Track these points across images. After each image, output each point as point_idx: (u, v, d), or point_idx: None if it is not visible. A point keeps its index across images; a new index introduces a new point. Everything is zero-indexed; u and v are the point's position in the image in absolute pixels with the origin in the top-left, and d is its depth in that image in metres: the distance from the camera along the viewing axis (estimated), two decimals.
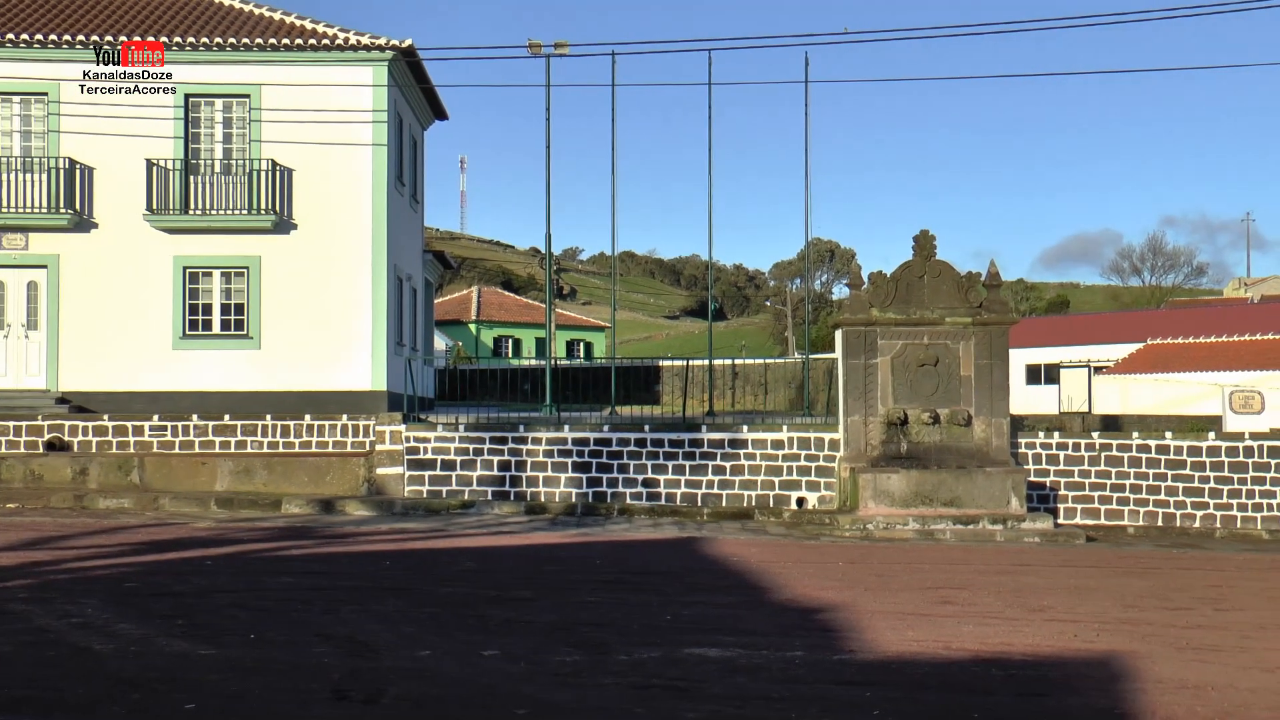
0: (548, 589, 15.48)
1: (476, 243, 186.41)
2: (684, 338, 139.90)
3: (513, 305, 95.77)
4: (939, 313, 25.44)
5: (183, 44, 31.40)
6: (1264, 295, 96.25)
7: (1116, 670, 10.94)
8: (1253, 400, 37.40)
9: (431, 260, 42.03)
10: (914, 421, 25.22)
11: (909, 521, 23.57)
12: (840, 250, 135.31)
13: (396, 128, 33.73)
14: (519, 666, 10.68)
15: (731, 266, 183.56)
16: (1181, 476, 26.15)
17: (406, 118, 35.79)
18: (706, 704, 9.49)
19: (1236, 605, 15.17)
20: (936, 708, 9.55)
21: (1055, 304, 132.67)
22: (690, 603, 14.37)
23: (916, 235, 25.93)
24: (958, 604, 14.63)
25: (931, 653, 11.58)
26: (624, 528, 24.00)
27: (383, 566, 17.48)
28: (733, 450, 26.76)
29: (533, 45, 30.56)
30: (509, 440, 27.08)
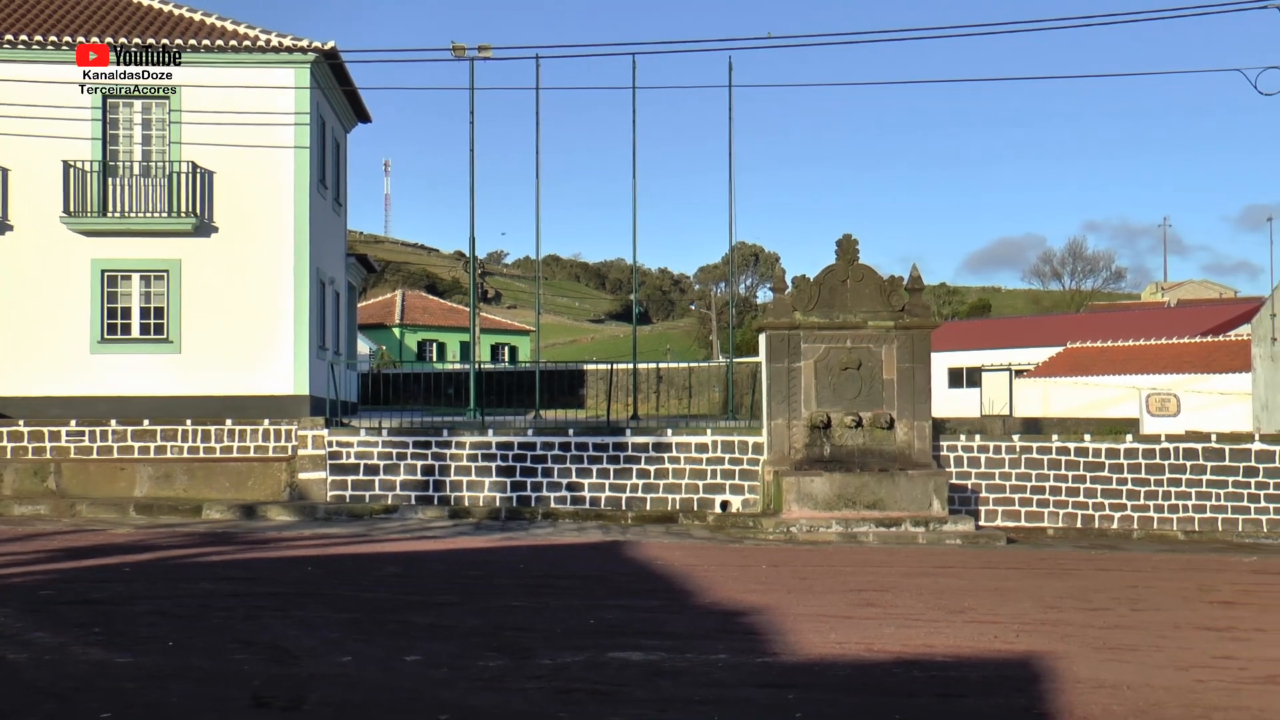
0: (471, 593, 15.41)
1: (401, 246, 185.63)
2: (609, 341, 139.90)
3: (437, 309, 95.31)
4: (862, 316, 25.60)
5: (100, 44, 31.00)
6: (1180, 299, 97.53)
7: (1035, 670, 11.03)
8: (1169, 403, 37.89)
9: (355, 264, 41.78)
10: (837, 425, 25.35)
11: (832, 524, 23.67)
12: (765, 254, 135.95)
13: (319, 130, 33.49)
14: (442, 671, 10.62)
15: (657, 270, 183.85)
16: (1100, 479, 26.44)
17: (329, 120, 35.55)
18: (629, 707, 9.48)
19: (1153, 605, 15.35)
20: (858, 709, 9.59)
21: (977, 308, 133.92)
22: (614, 606, 14.36)
23: (840, 239, 26.08)
24: (880, 606, 14.70)
25: (854, 655, 11.63)
26: (548, 532, 23.96)
27: (305, 572, 17.35)
28: (657, 454, 26.78)
29: (456, 48, 30.42)
30: (433, 444, 26.96)
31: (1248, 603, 15.75)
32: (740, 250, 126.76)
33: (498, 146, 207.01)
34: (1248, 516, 26.07)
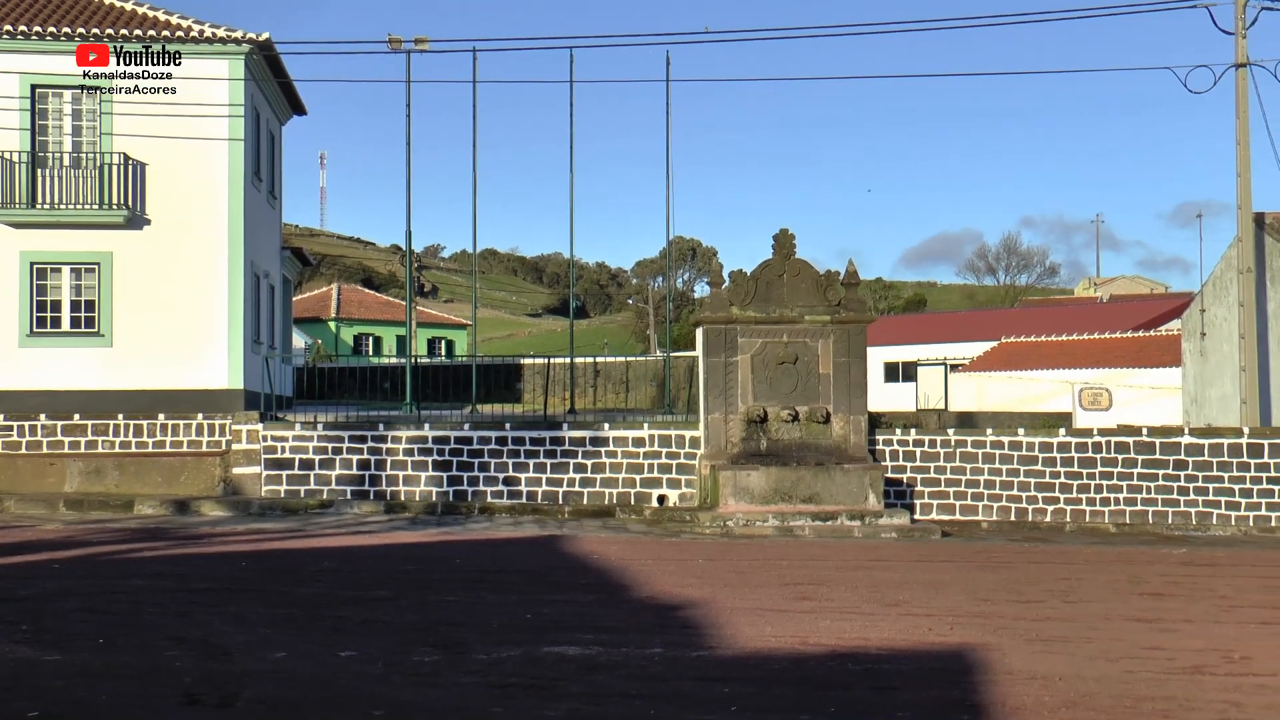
0: (407, 588, 15.35)
1: (337, 240, 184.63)
2: (546, 335, 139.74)
3: (373, 303, 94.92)
4: (798, 311, 25.68)
5: (28, 33, 30.63)
6: (1113, 295, 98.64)
7: (969, 663, 11.10)
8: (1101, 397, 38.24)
9: (290, 257, 41.52)
10: (774, 419, 25.43)
11: (768, 518, 23.74)
12: (702, 249, 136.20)
13: (253, 122, 33.24)
14: (376, 667, 10.57)
15: (594, 264, 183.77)
16: (1034, 472, 26.65)
17: (264, 113, 35.29)
18: (565, 702, 9.47)
19: (1084, 597, 15.49)
20: (793, 702, 9.62)
21: (913, 302, 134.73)
22: (550, 601, 14.33)
23: (776, 234, 26.14)
24: (816, 599, 14.75)
25: (789, 648, 11.67)
26: (484, 526, 23.89)
27: (238, 567, 17.22)
28: (594, 448, 26.77)
29: (393, 41, 30.31)
30: (369, 439, 26.84)
31: (1176, 594, 15.93)
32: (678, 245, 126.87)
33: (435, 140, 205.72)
34: (1177, 509, 26.36)
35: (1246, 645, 12.18)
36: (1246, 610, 14.62)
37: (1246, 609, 14.74)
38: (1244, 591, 16.30)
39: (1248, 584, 17.10)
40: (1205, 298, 38.08)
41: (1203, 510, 26.29)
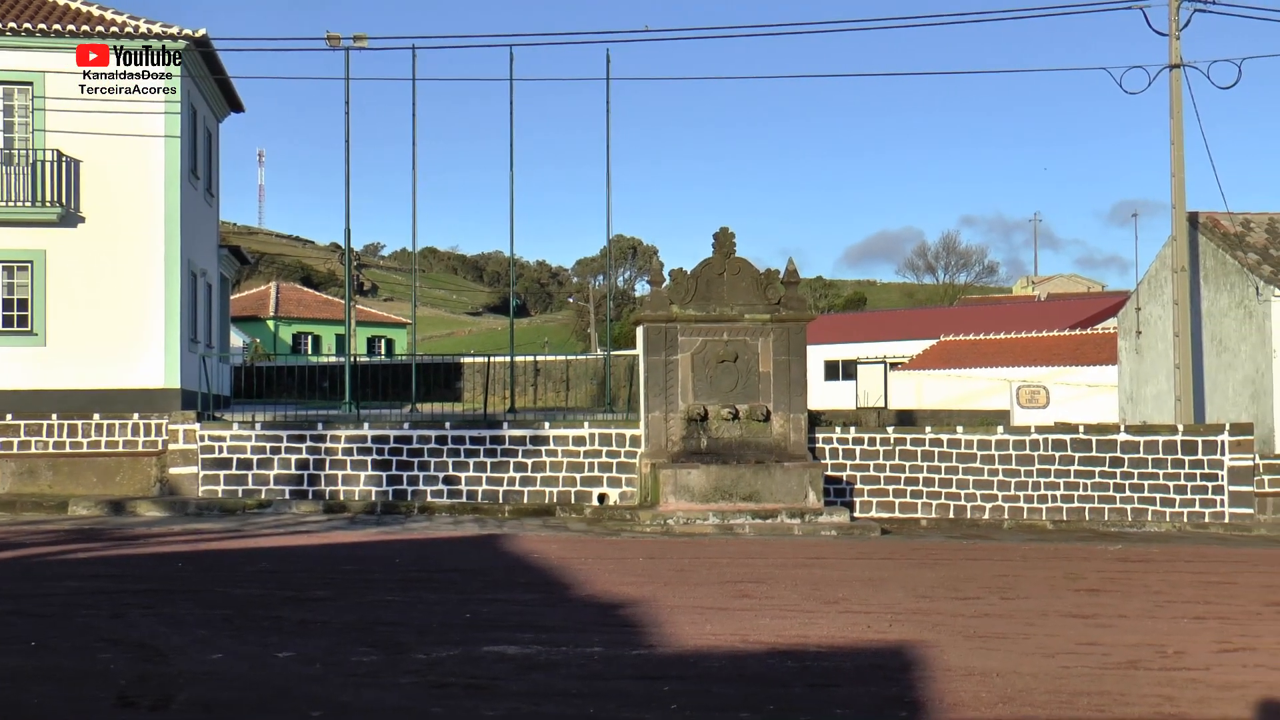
0: (346, 589, 15.27)
1: (275, 238, 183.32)
2: (487, 334, 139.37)
3: (312, 301, 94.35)
4: (738, 310, 25.73)
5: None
6: (1050, 293, 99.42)
7: (907, 659, 11.16)
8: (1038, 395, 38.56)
9: (227, 255, 41.21)
10: (714, 417, 25.47)
11: (709, 516, 23.77)
12: (643, 247, 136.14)
13: (190, 119, 32.96)
14: (314, 667, 10.50)
15: (534, 263, 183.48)
16: (972, 470, 26.83)
17: (201, 109, 35.00)
18: (504, 701, 9.44)
19: (1021, 594, 15.61)
20: (733, 700, 9.63)
21: (853, 301, 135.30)
22: (490, 600, 14.30)
23: (716, 233, 26.19)
24: (755, 597, 14.78)
25: (729, 646, 11.68)
26: (424, 526, 23.80)
27: (175, 568, 17.07)
28: (534, 447, 26.73)
29: (331, 38, 30.12)
30: (307, 438, 26.69)
31: (1112, 590, 16.07)
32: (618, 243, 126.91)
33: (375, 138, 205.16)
34: (1113, 506, 26.61)
35: (1180, 640, 12.31)
36: (1180, 605, 14.78)
37: (1180, 604, 14.90)
38: (1178, 587, 16.48)
39: (1182, 580, 17.29)
40: (1141, 296, 38.45)
41: (1138, 507, 26.56)
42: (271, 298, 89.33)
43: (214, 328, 38.02)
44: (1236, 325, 32.65)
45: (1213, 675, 10.74)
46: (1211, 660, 11.37)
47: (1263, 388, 31.42)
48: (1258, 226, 34.65)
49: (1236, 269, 32.64)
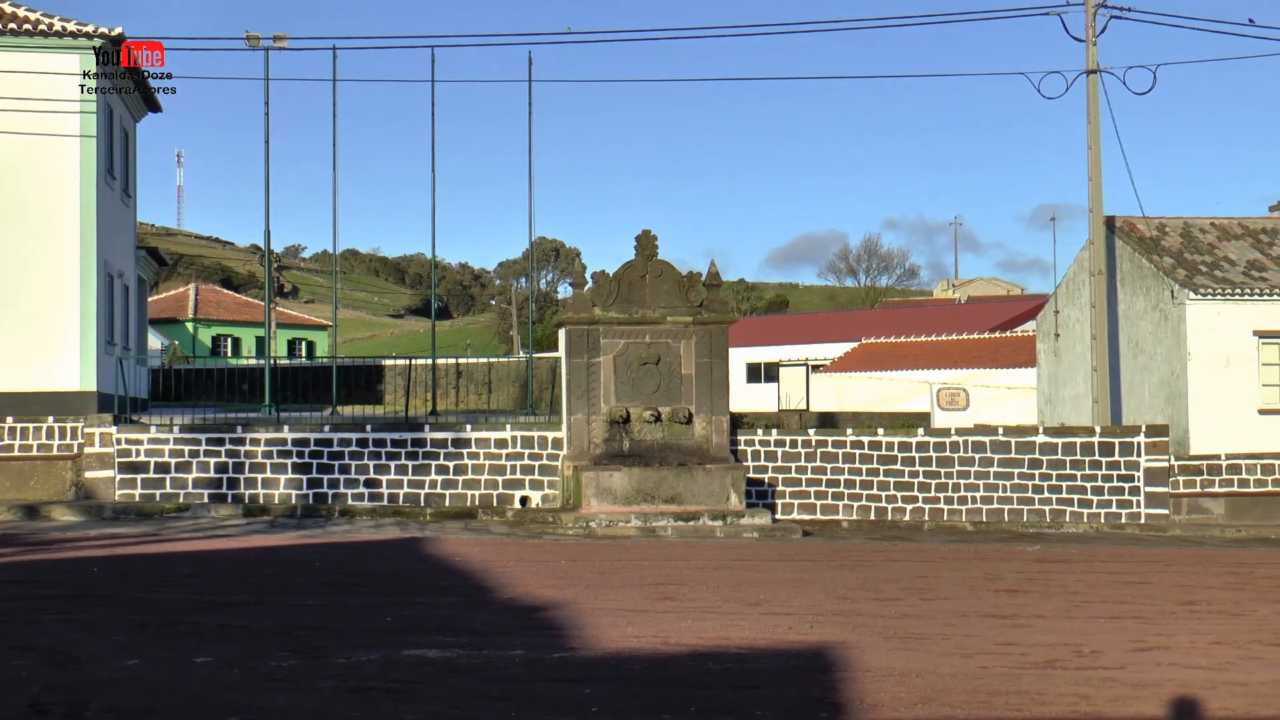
0: (265, 593, 15.15)
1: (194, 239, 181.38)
2: (409, 336, 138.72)
3: (232, 303, 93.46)
4: (661, 312, 25.76)
5: None
6: (971, 296, 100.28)
7: (828, 660, 11.21)
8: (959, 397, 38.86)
9: (145, 257, 40.74)
10: (636, 420, 25.49)
11: (631, 519, 23.79)
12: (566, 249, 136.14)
13: (106, 119, 32.54)
14: (233, 673, 10.41)
15: (457, 265, 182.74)
16: (893, 471, 27.01)
17: (117, 109, 34.56)
18: (425, 705, 9.40)
19: (941, 595, 15.73)
20: (654, 702, 9.64)
21: (775, 303, 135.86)
22: (411, 604, 14.24)
23: (639, 235, 26.22)
24: (677, 599, 14.81)
25: (651, 648, 11.69)
26: (345, 529, 23.67)
27: (90, 573, 16.86)
28: (456, 449, 26.63)
29: (250, 38, 29.89)
30: (226, 441, 26.44)
31: (1030, 590, 16.24)
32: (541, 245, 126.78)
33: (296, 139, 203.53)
34: (1032, 507, 26.88)
35: (1096, 639, 12.46)
36: (1097, 605, 14.96)
37: (1097, 604, 15.08)
38: (1095, 587, 16.68)
39: (1098, 580, 17.49)
40: (1059, 299, 38.87)
41: (1056, 508, 26.85)
42: (190, 300, 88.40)
43: (131, 330, 37.55)
44: (1152, 328, 33.09)
45: (1128, 674, 10.88)
46: (1127, 659, 11.52)
47: (1178, 390, 31.86)
48: (1173, 231, 35.13)
49: (1152, 272, 33.08)
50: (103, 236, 31.57)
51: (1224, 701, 9.94)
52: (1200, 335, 31.60)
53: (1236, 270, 33.06)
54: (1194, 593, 16.27)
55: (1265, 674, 10.98)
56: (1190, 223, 35.75)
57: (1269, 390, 31.83)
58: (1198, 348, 31.58)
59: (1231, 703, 9.92)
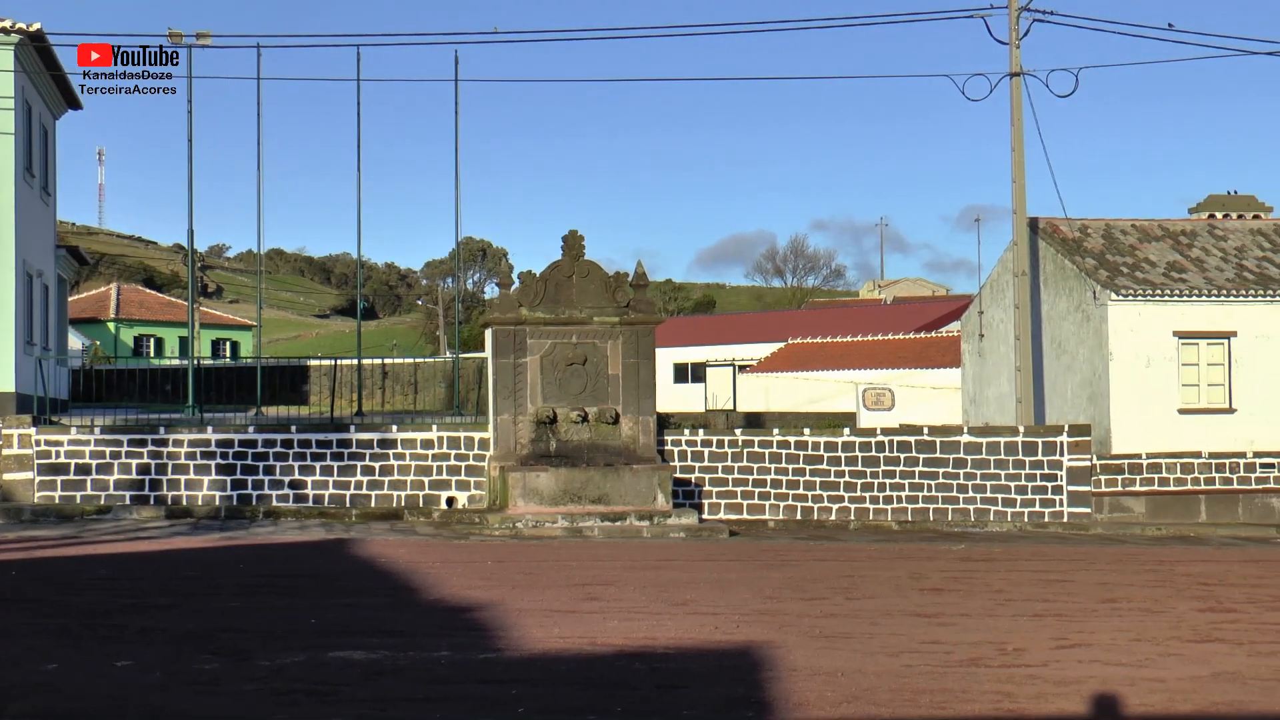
0: (188, 595, 14.99)
1: (116, 238, 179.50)
2: (334, 337, 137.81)
3: (155, 303, 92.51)
4: (587, 312, 25.75)
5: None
6: (896, 297, 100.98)
7: (754, 660, 11.25)
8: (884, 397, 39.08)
9: (65, 256, 40.22)
10: (563, 420, 25.46)
11: (558, 519, 23.75)
12: (492, 249, 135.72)
13: (24, 116, 32.09)
14: (154, 676, 10.30)
15: (383, 265, 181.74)
16: (819, 471, 27.13)
17: (36, 106, 34.08)
18: (350, 707, 9.35)
19: (866, 594, 15.82)
20: (580, 703, 9.63)
21: (702, 304, 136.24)
22: (336, 605, 14.15)
23: (566, 235, 26.18)
24: (604, 600, 14.80)
25: (577, 649, 11.68)
26: (270, 530, 23.49)
27: (8, 577, 16.62)
28: (382, 450, 26.48)
29: (173, 35, 29.54)
30: (149, 442, 26.15)
31: (954, 589, 16.36)
32: (468, 245, 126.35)
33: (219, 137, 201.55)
34: (957, 506, 27.09)
35: (1019, 637, 12.57)
36: (1020, 604, 15.10)
37: (1020, 602, 15.22)
38: (1018, 585, 16.83)
39: (1022, 578, 17.65)
40: (983, 300, 39.20)
41: (980, 507, 27.08)
42: (112, 299, 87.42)
43: (51, 330, 37.06)
44: (1075, 328, 33.44)
45: (1050, 671, 10.98)
46: (1049, 656, 11.63)
47: (1100, 390, 32.22)
48: (1095, 232, 35.53)
49: (1075, 273, 33.43)
50: (21, 235, 31.13)
51: (1143, 698, 10.06)
52: (1121, 336, 31.98)
53: (1157, 271, 33.48)
54: (1115, 590, 16.45)
55: (1183, 670, 11.12)
56: (1112, 224, 36.17)
57: (1188, 390, 32.27)
58: (1119, 348, 31.95)
59: (1150, 699, 10.04)
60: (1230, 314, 32.46)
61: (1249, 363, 32.30)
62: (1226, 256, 34.77)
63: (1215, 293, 32.51)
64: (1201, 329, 32.36)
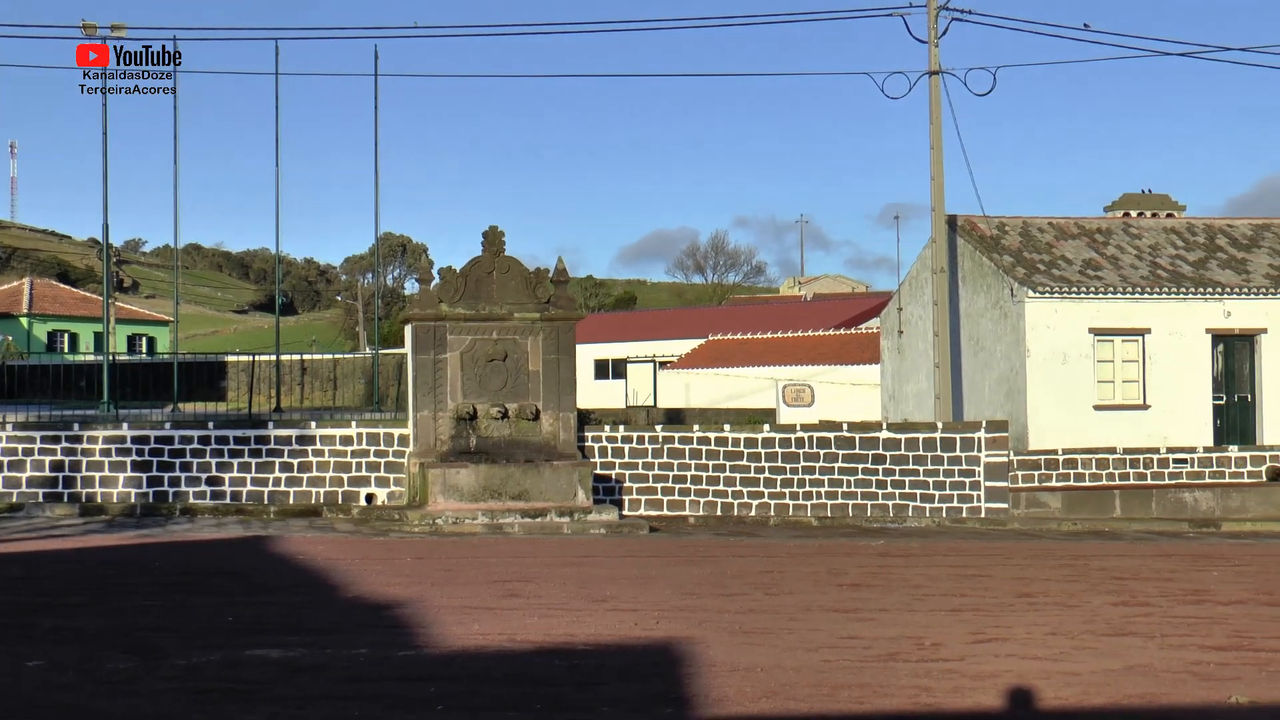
0: (102, 594, 14.80)
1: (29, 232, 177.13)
2: (253, 332, 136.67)
3: (69, 298, 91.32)
4: (508, 308, 25.68)
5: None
6: (816, 293, 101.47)
7: (674, 656, 11.26)
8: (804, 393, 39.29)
9: None
10: (483, 416, 25.38)
11: (478, 516, 23.68)
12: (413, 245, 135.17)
13: None
14: (67, 675, 10.16)
15: (302, 260, 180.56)
16: (739, 467, 27.20)
17: None
18: (267, 706, 9.26)
19: (786, 590, 15.88)
20: (500, 699, 9.60)
21: (623, 300, 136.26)
22: (253, 603, 14.02)
23: (486, 231, 26.10)
24: (524, 596, 14.77)
25: (497, 645, 11.65)
26: (186, 528, 23.25)
27: None
28: (301, 447, 26.28)
29: (86, 27, 29.19)
30: (63, 439, 25.80)
31: (873, 585, 16.46)
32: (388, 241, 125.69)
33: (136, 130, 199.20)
34: (875, 502, 27.26)
35: (937, 632, 12.67)
36: (938, 599, 15.21)
37: (938, 597, 15.33)
38: (936, 580, 16.95)
39: (940, 573, 17.78)
40: (902, 296, 39.47)
41: (899, 503, 27.26)
42: (25, 294, 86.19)
43: None
44: (993, 325, 33.74)
45: (967, 665, 11.07)
46: (966, 651, 11.73)
47: (1016, 386, 32.53)
48: (1012, 230, 35.86)
49: (992, 271, 33.73)
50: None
51: (1058, 691, 10.17)
52: (1038, 333, 32.31)
53: (1073, 269, 33.85)
54: (1031, 585, 16.61)
55: (1097, 664, 11.25)
56: (1029, 222, 36.52)
57: (1104, 386, 32.66)
58: (1036, 345, 32.28)
59: (1065, 692, 10.15)
60: (1145, 311, 32.88)
61: (1163, 359, 32.73)
62: (1141, 255, 35.21)
63: (1130, 290, 32.92)
64: (1117, 326, 32.76)
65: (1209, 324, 33.12)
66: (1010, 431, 28.82)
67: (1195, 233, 37.12)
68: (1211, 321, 33.14)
